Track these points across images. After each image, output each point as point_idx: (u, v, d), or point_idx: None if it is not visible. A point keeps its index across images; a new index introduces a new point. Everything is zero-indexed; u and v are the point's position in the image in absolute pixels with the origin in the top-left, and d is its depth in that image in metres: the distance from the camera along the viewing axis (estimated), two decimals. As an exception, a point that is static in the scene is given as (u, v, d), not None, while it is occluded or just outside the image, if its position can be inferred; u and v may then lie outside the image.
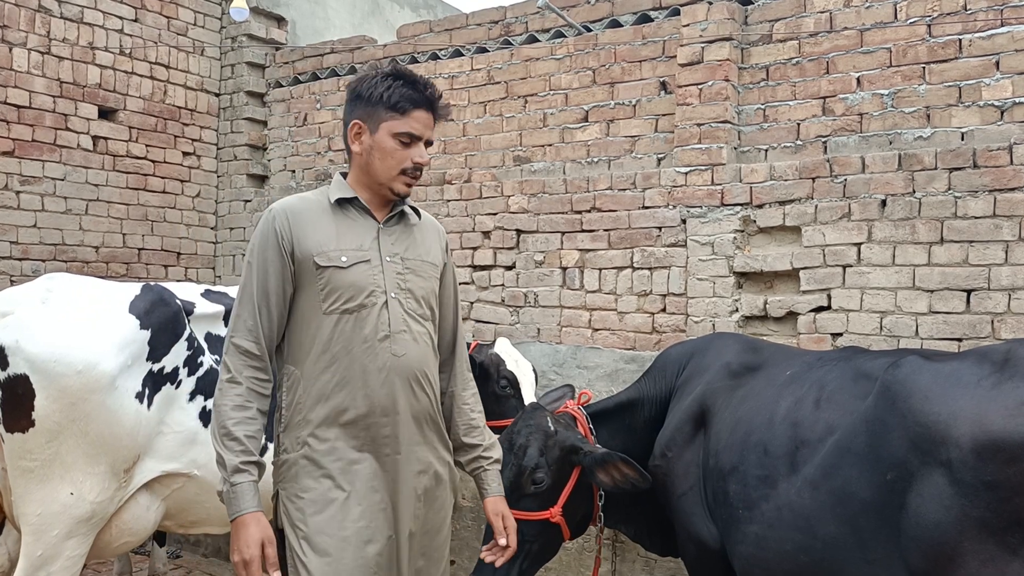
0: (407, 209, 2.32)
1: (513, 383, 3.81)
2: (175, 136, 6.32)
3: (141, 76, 6.06)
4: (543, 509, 2.81)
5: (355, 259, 2.18)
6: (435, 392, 2.31)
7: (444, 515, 2.35)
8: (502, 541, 2.39)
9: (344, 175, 2.31)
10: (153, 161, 6.17)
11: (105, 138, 5.88)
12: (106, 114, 5.90)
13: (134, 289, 2.95)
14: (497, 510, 2.42)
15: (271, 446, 2.26)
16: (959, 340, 3.63)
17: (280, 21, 6.67)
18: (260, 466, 2.10)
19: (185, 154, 6.39)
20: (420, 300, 2.27)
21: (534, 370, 4.04)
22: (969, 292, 3.63)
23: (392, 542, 2.17)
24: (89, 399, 2.67)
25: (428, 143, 2.24)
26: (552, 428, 2.86)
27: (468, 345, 3.98)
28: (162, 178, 6.23)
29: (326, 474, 2.12)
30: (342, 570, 2.09)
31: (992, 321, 3.58)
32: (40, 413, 2.62)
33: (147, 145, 6.12)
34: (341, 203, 2.23)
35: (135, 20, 6.01)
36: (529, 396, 3.78)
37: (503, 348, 3.95)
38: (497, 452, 2.50)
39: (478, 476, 2.45)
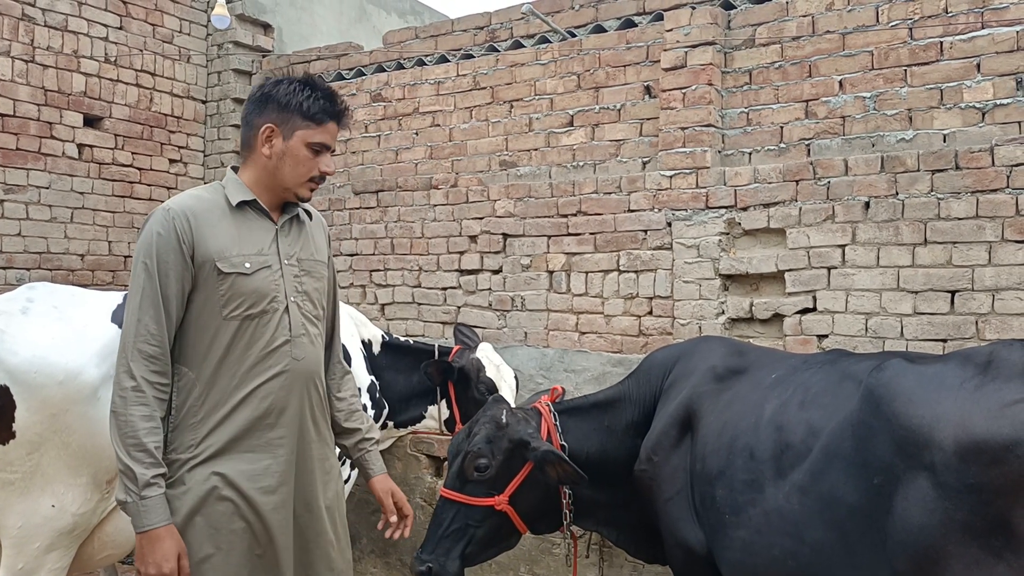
0: (300, 210, 2.34)
1: (492, 389, 3.80)
2: (161, 144, 6.30)
3: (127, 84, 6.04)
4: (488, 496, 2.86)
5: (258, 265, 2.18)
6: (324, 389, 2.37)
7: (340, 503, 2.41)
8: (393, 518, 2.48)
9: (235, 169, 2.29)
10: (139, 169, 6.15)
11: (91, 146, 5.86)
12: (91, 122, 5.88)
13: (116, 298, 2.93)
14: (385, 488, 2.49)
15: None
16: (944, 341, 3.65)
17: (266, 28, 6.66)
18: (164, 477, 2.10)
19: (172, 161, 6.37)
20: (315, 302, 2.31)
21: (516, 376, 4.04)
22: (953, 293, 3.65)
23: (277, 543, 2.18)
24: (71, 410, 2.64)
25: (332, 152, 2.29)
26: (504, 420, 2.91)
27: (450, 350, 3.97)
28: (148, 185, 6.20)
29: (220, 474, 2.12)
30: (229, 566, 2.12)
31: (976, 322, 3.59)
32: (21, 424, 2.60)
33: (133, 153, 6.10)
34: (241, 205, 2.22)
35: (120, 28, 5.99)
36: (508, 401, 3.77)
37: (485, 353, 3.95)
38: (376, 434, 2.62)
39: (362, 459, 2.51)
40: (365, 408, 3.71)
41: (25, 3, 5.47)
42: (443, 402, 3.94)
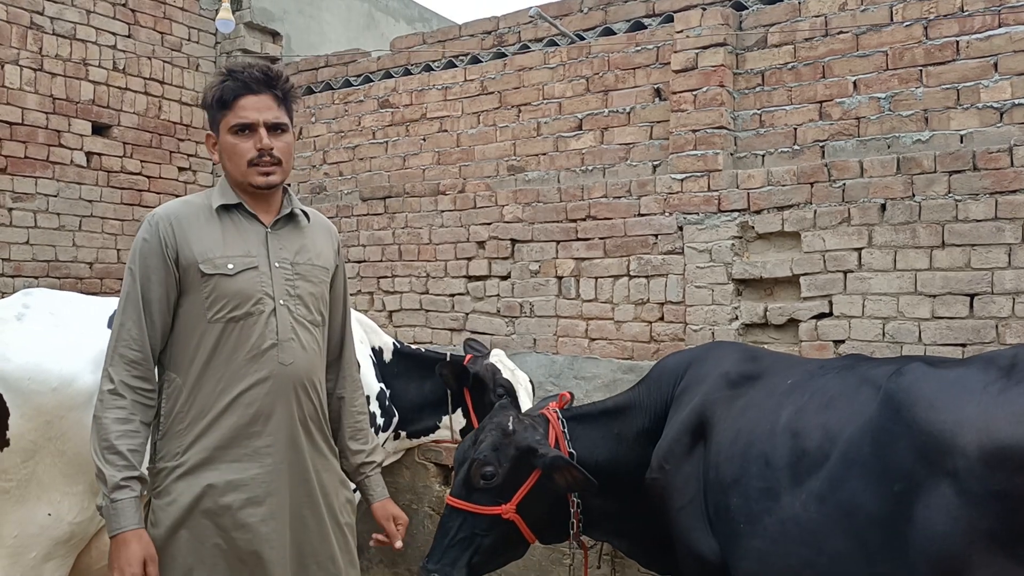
0: (296, 211, 2.27)
1: (510, 392, 3.74)
2: (170, 152, 6.29)
3: (135, 92, 6.03)
4: (495, 504, 2.79)
5: (242, 266, 2.12)
6: (322, 398, 2.28)
7: (345, 515, 2.31)
8: (398, 545, 2.41)
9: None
10: (148, 177, 6.14)
11: (99, 154, 5.85)
12: (100, 130, 5.87)
13: (112, 303, 2.88)
14: (387, 513, 2.43)
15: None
16: (963, 346, 3.56)
17: (275, 36, 6.65)
18: (143, 480, 2.05)
19: (180, 169, 6.36)
20: (310, 306, 2.22)
21: (531, 380, 3.97)
22: (972, 296, 3.57)
23: (265, 557, 2.10)
24: (66, 417, 2.59)
25: (277, 127, 2.15)
26: (511, 427, 2.84)
27: (462, 358, 3.91)
28: (157, 193, 6.18)
29: (205, 485, 2.06)
30: None
31: (996, 326, 3.50)
32: (15, 432, 2.55)
33: (142, 161, 6.09)
34: (227, 208, 2.18)
35: (128, 36, 5.99)
36: (526, 405, 3.70)
37: (498, 358, 3.88)
38: (379, 456, 2.51)
39: (362, 484, 2.44)
40: (374, 416, 3.65)
41: (34, 11, 5.47)
42: (458, 411, 3.87)
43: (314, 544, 2.20)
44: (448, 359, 3.93)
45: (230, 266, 2.10)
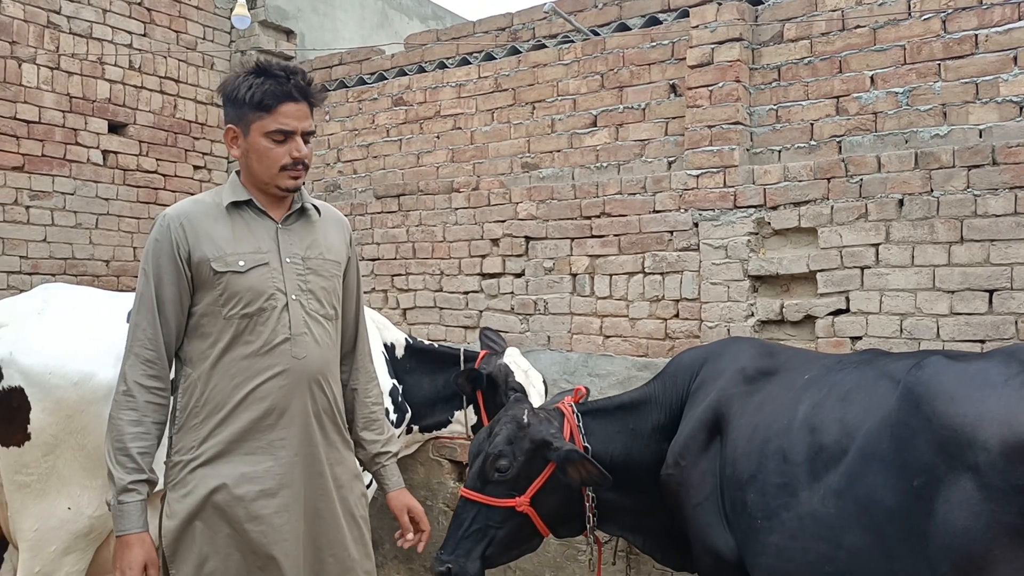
0: (307, 205, 2.28)
1: (522, 394, 3.73)
2: (186, 150, 6.31)
3: (151, 90, 6.06)
4: (509, 497, 2.80)
5: (253, 262, 2.14)
6: (336, 392, 2.29)
7: (360, 509, 2.32)
8: (409, 536, 2.43)
9: (239, 173, 2.26)
10: (164, 175, 6.17)
11: (115, 152, 5.88)
12: (116, 128, 5.90)
13: (130, 299, 2.90)
14: (402, 504, 2.44)
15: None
16: (982, 342, 3.53)
17: (289, 34, 6.67)
18: (151, 483, 2.09)
19: (196, 168, 6.38)
20: (322, 301, 2.24)
21: (544, 381, 3.97)
22: (991, 292, 3.53)
23: (279, 549, 2.11)
24: (86, 411, 2.61)
25: (307, 134, 2.17)
26: (526, 420, 2.85)
27: (476, 355, 3.91)
28: (173, 192, 6.20)
29: (220, 478, 2.09)
30: (229, 571, 2.08)
31: (1016, 322, 3.47)
32: (36, 426, 2.58)
33: (157, 159, 6.12)
34: (237, 205, 2.19)
35: (144, 35, 6.01)
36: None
37: (512, 358, 3.88)
38: (394, 446, 2.52)
39: (378, 473, 2.46)
40: (387, 412, 3.66)
41: (50, 10, 5.51)
42: (470, 408, 3.88)
43: (329, 536, 2.21)
44: (462, 355, 3.93)
45: (241, 263, 2.13)
